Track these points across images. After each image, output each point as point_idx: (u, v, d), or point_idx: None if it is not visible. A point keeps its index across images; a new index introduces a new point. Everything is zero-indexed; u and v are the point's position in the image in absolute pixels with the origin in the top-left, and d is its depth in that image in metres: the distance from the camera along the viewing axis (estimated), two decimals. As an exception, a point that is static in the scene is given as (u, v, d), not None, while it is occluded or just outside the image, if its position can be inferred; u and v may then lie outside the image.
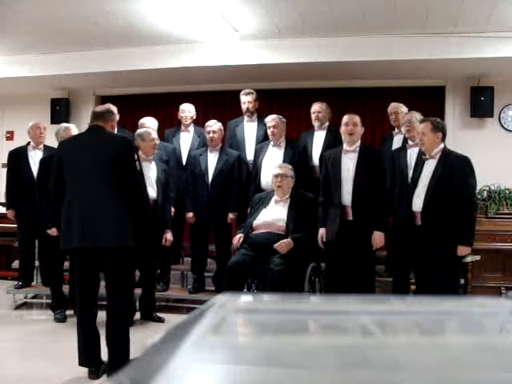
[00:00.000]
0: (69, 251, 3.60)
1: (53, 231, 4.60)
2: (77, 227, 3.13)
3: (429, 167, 3.87)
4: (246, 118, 5.35)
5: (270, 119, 4.98)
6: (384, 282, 5.15)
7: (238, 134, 5.35)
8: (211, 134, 5.05)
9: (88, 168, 3.20)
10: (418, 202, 3.88)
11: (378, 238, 4.23)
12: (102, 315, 3.30)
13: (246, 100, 5.28)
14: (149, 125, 5.17)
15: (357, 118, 4.36)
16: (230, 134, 5.42)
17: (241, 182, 5.10)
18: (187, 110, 5.51)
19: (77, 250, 3.20)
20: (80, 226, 3.13)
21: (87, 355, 3.22)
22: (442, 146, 3.86)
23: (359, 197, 4.23)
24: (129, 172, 3.24)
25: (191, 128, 5.54)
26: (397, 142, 5.07)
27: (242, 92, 5.33)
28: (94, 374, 3.26)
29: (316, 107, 5.18)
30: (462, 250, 3.77)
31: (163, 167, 4.82)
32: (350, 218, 4.26)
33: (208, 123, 5.14)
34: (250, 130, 5.32)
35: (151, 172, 4.69)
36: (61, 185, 3.30)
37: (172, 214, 4.92)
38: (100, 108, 3.51)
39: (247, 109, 5.28)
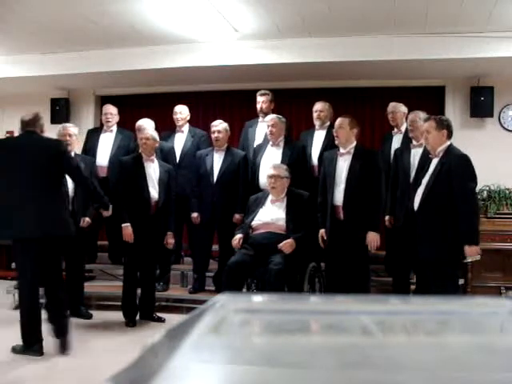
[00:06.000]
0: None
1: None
2: None
3: (432, 166, 3.78)
4: (260, 118, 5.34)
5: (269, 118, 4.97)
6: (384, 282, 5.15)
7: (250, 134, 5.36)
8: (216, 134, 5.03)
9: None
10: (417, 201, 3.80)
11: (373, 238, 4.20)
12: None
13: (261, 100, 5.27)
14: (146, 126, 5.16)
15: (342, 121, 4.36)
16: (244, 134, 5.44)
17: (247, 183, 5.05)
18: (179, 112, 5.52)
19: None
20: None
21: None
22: (447, 143, 3.73)
23: (351, 197, 4.24)
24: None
25: (185, 128, 5.55)
26: (396, 142, 5.07)
27: (258, 93, 5.33)
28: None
29: (318, 106, 5.16)
30: (468, 251, 3.56)
31: (167, 168, 4.80)
32: (341, 217, 4.29)
33: (213, 123, 5.13)
34: (261, 130, 5.29)
35: (153, 172, 4.68)
36: None
37: None
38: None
39: (261, 109, 5.28)
